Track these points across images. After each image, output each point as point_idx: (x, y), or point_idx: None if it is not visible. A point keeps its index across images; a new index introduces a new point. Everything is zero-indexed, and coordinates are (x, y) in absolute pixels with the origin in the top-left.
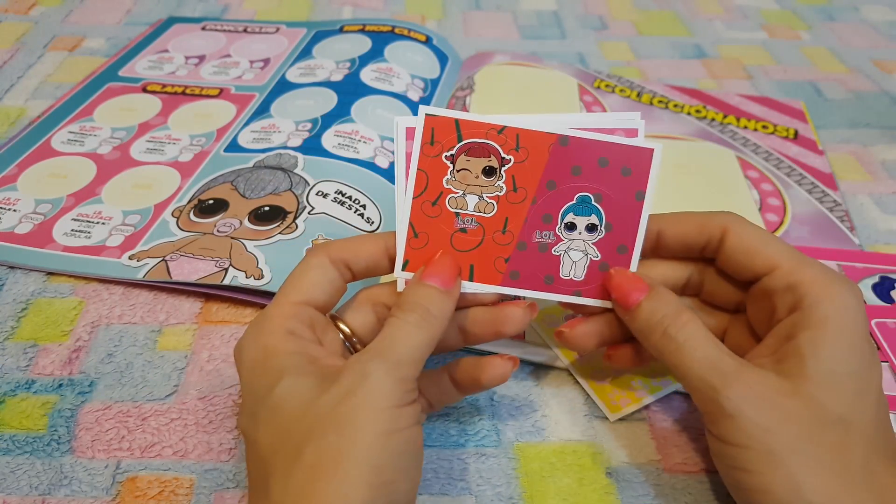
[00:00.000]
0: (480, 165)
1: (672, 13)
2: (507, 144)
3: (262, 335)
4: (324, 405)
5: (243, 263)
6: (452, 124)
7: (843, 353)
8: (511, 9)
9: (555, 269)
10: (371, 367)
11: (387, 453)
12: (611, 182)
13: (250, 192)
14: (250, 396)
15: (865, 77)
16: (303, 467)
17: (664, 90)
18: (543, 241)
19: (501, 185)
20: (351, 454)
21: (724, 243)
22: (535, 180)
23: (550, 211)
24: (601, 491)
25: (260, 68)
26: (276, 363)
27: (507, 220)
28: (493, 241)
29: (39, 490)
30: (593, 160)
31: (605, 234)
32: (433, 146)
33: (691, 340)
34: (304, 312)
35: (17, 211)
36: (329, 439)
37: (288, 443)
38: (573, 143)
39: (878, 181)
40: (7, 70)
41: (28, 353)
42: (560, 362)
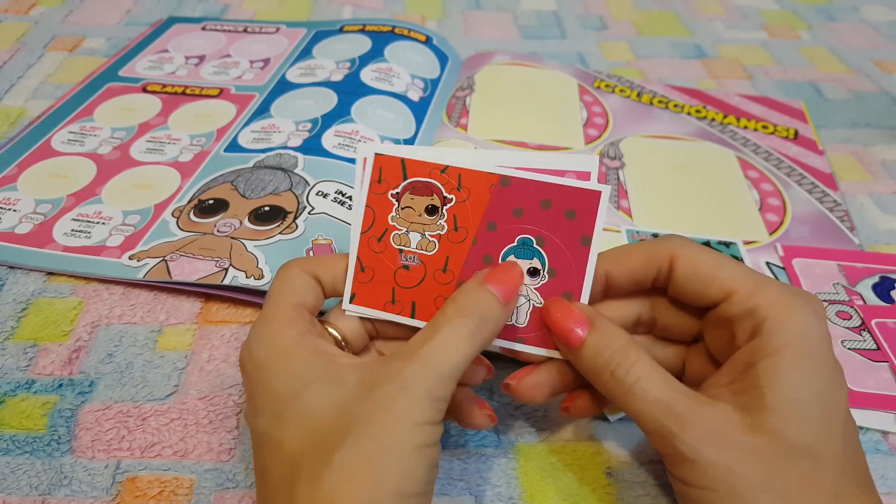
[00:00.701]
0: (423, 204)
1: (672, 13)
2: (448, 184)
3: (273, 335)
4: (360, 411)
5: (243, 263)
6: (399, 163)
7: (805, 379)
8: (511, 9)
9: None
10: (411, 382)
11: (417, 466)
12: (554, 225)
13: (250, 192)
14: (269, 397)
15: (865, 77)
16: (333, 470)
17: (664, 90)
18: None
19: (443, 223)
20: (385, 463)
21: (674, 271)
22: (476, 220)
23: (491, 252)
24: (601, 491)
25: (260, 68)
26: (297, 366)
27: (448, 259)
28: (434, 279)
29: (39, 490)
30: (535, 202)
31: (549, 280)
32: (381, 184)
33: (641, 381)
34: (303, 312)
35: (17, 211)
36: (364, 445)
37: (318, 446)
38: (515, 183)
39: (878, 181)
40: (7, 70)
41: (28, 353)
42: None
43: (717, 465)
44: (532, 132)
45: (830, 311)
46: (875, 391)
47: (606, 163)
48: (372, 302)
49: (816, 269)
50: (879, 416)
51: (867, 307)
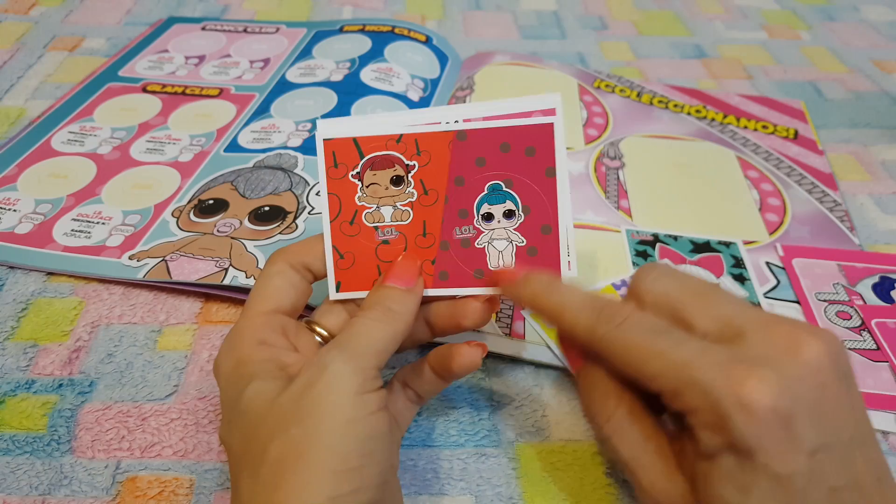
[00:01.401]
0: (387, 177)
1: (672, 13)
2: (407, 151)
3: (235, 348)
4: (286, 401)
5: (243, 263)
6: (351, 143)
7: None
8: (511, 9)
9: (482, 262)
10: (329, 358)
11: (350, 440)
12: (517, 165)
13: (250, 192)
14: (226, 406)
15: (865, 77)
16: (268, 463)
17: (664, 90)
18: (464, 236)
19: (412, 191)
20: (313, 444)
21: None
22: (444, 179)
23: (465, 206)
24: (601, 491)
25: (260, 68)
26: (246, 371)
27: (424, 223)
28: (416, 246)
29: (39, 490)
30: (494, 148)
31: (525, 218)
32: (337, 168)
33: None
34: (273, 320)
35: (17, 211)
36: (291, 433)
37: (255, 443)
38: (471, 135)
39: (878, 181)
40: (7, 70)
41: (28, 353)
42: (560, 362)
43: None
44: None
45: (831, 311)
46: (875, 391)
47: (606, 163)
48: (359, 284)
49: (816, 269)
50: (880, 417)
51: (867, 307)
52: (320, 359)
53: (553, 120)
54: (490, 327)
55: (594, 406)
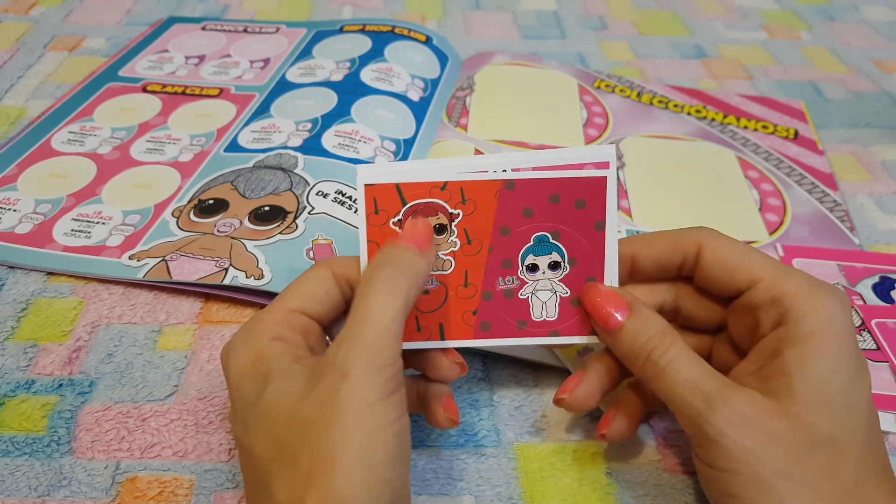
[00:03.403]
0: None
1: (672, 13)
2: (452, 199)
3: (251, 339)
4: (309, 409)
5: (243, 263)
6: (393, 190)
7: (831, 369)
8: (511, 9)
9: (525, 313)
10: (349, 365)
11: (379, 450)
12: (566, 217)
13: (250, 192)
14: (240, 403)
15: (865, 77)
16: (300, 475)
17: (664, 90)
18: (508, 287)
19: (455, 240)
20: (344, 457)
21: (701, 260)
22: (488, 229)
23: (509, 256)
24: (601, 491)
25: (260, 68)
26: (262, 367)
27: (466, 273)
28: (457, 296)
29: (39, 491)
30: (543, 199)
31: (571, 270)
32: (378, 215)
33: (675, 363)
34: (297, 319)
35: (17, 211)
36: (321, 444)
37: (282, 451)
38: (519, 185)
39: (878, 181)
40: (7, 70)
41: (28, 353)
42: (560, 362)
43: (742, 447)
44: (532, 132)
45: None
46: (875, 391)
47: None
48: None
49: (816, 269)
50: (880, 416)
51: (867, 307)
52: (339, 363)
53: (606, 174)
54: None
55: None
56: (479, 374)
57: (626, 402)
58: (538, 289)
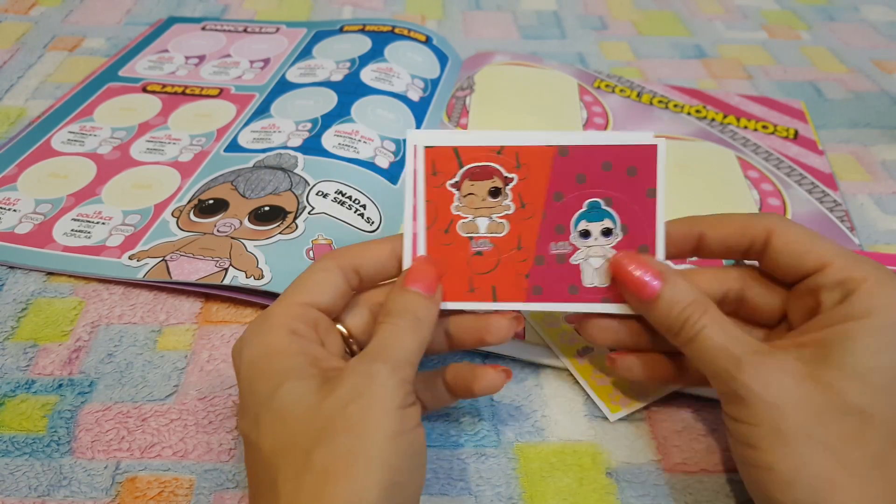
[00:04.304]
0: (485, 188)
1: (672, 13)
2: (508, 163)
3: (265, 334)
4: (331, 407)
5: (243, 263)
6: (451, 153)
7: (876, 347)
8: (511, 9)
9: (577, 278)
10: (375, 369)
11: (398, 454)
12: (618, 184)
13: (250, 192)
14: (251, 398)
15: (865, 77)
16: (313, 470)
17: (664, 90)
18: (560, 252)
19: (509, 203)
20: (364, 455)
21: (771, 245)
22: (542, 194)
23: (562, 222)
24: (601, 491)
25: (260, 68)
26: (278, 364)
27: (520, 237)
28: (510, 259)
29: (38, 491)
30: (596, 165)
31: (623, 237)
32: (436, 176)
33: (708, 329)
34: (308, 313)
35: (17, 211)
36: (340, 441)
37: (295, 447)
38: (573, 151)
39: (878, 181)
40: (7, 70)
41: (28, 353)
42: (560, 362)
43: (766, 403)
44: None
45: None
46: None
47: None
48: (450, 295)
49: None
50: None
51: None
52: (366, 368)
53: (658, 142)
54: None
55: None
56: None
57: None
58: (591, 255)
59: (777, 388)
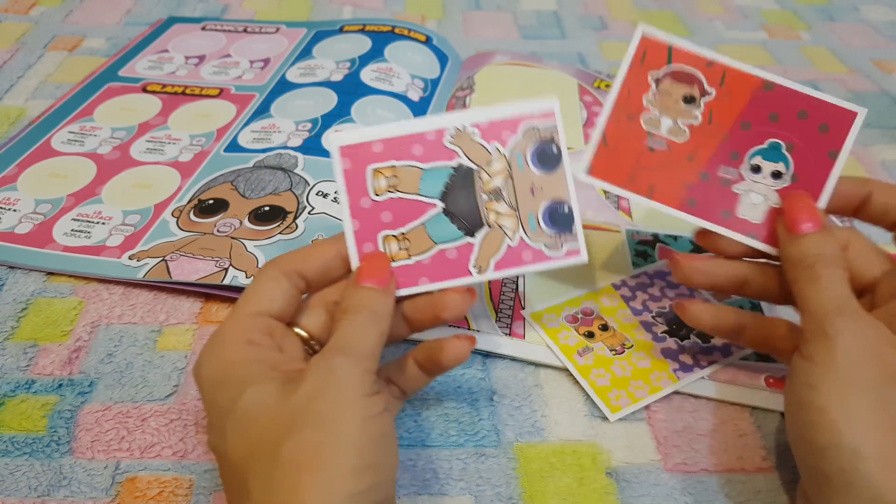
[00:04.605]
0: (682, 92)
1: (672, 13)
2: (712, 78)
3: (220, 348)
4: (295, 405)
5: (243, 263)
6: (665, 49)
7: None
8: (511, 9)
9: (732, 206)
10: (336, 363)
11: (367, 438)
12: (806, 135)
13: (250, 192)
14: (215, 412)
15: (865, 77)
16: (283, 466)
17: None
18: (727, 176)
19: (698, 114)
20: (332, 444)
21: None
22: (732, 118)
23: (739, 150)
24: (601, 491)
25: (260, 68)
26: (236, 375)
27: (696, 149)
28: (677, 166)
29: (38, 491)
30: (793, 110)
31: (791, 185)
32: (643, 65)
33: (828, 278)
34: (260, 322)
35: (17, 211)
36: (307, 434)
37: (262, 448)
38: (777, 90)
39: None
40: (7, 70)
41: (28, 353)
42: (560, 362)
43: (849, 350)
44: None
45: None
46: None
47: None
48: (610, 176)
49: None
50: None
51: None
52: (326, 363)
53: (860, 110)
54: (490, 327)
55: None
56: (479, 374)
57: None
58: (753, 190)
59: (863, 342)
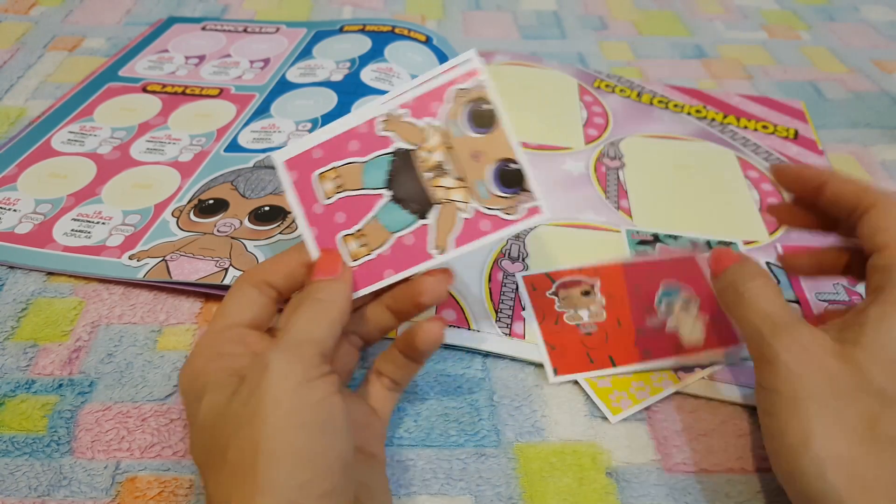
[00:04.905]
0: (577, 291)
1: (672, 13)
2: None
3: (192, 361)
4: (236, 406)
5: (243, 263)
6: (546, 278)
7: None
8: (511, 9)
9: (676, 340)
10: (268, 358)
11: (297, 429)
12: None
13: (250, 192)
14: (189, 422)
15: (865, 77)
16: (228, 465)
17: (664, 90)
18: (655, 325)
19: (601, 298)
20: (262, 439)
21: (866, 214)
22: (623, 289)
23: (648, 303)
24: (601, 491)
25: (260, 68)
26: (199, 384)
27: (618, 319)
28: (615, 334)
29: (38, 491)
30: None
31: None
32: (536, 291)
33: (754, 294)
34: (231, 332)
35: (17, 211)
36: (243, 434)
37: (215, 451)
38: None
39: (878, 181)
40: (7, 70)
41: (28, 353)
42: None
43: (790, 370)
44: (532, 132)
45: None
46: None
47: (606, 163)
48: (574, 368)
49: None
50: None
51: None
52: (259, 361)
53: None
54: (490, 327)
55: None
56: (479, 374)
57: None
58: (679, 322)
59: (803, 358)
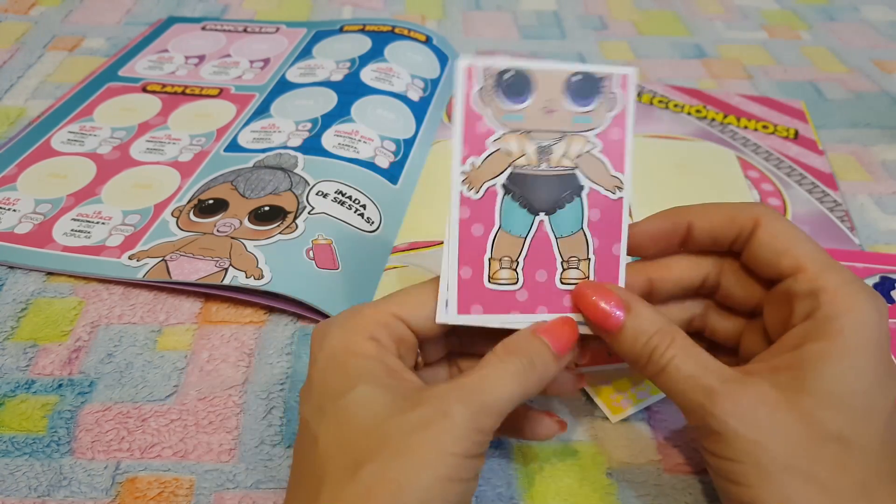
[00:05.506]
0: None
1: (672, 13)
2: None
3: (349, 331)
4: (395, 428)
5: (243, 263)
6: None
7: (851, 370)
8: (511, 9)
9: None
10: (454, 410)
11: (441, 500)
12: None
13: (250, 192)
14: (321, 388)
15: (865, 77)
16: (357, 486)
17: (664, 90)
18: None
19: None
20: (409, 489)
21: (753, 237)
22: None
23: None
24: (601, 491)
25: (260, 68)
26: (354, 365)
27: None
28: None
29: (38, 492)
30: None
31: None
32: None
33: (676, 360)
34: (396, 325)
35: (17, 211)
36: (392, 465)
37: (348, 453)
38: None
39: (878, 181)
40: (7, 70)
41: (28, 354)
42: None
43: (745, 439)
44: None
45: None
46: None
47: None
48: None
49: None
50: None
51: None
52: (443, 404)
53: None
54: None
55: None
56: None
57: None
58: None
59: (754, 420)
